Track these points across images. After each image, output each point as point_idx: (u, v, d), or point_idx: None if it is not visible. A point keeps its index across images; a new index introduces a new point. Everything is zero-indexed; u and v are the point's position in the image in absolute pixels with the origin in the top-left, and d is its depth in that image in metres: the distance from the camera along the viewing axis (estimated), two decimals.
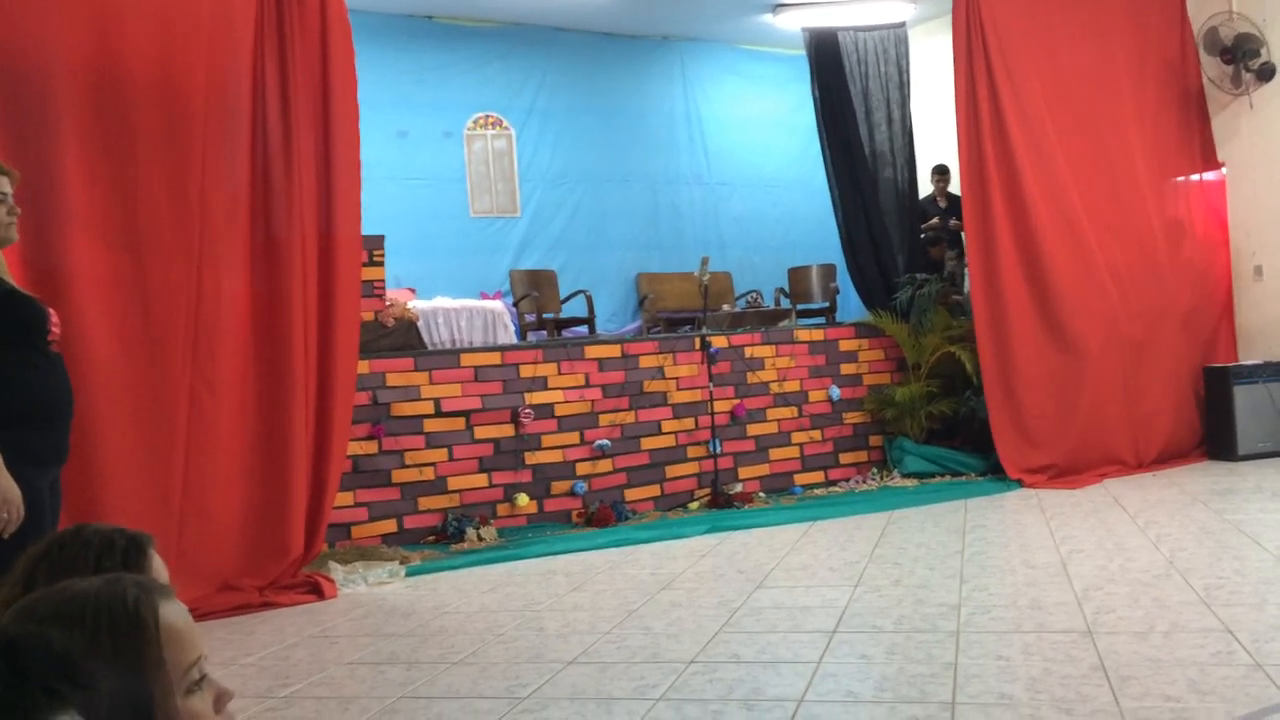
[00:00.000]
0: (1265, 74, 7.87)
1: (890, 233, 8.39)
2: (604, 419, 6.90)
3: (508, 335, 8.08)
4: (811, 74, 8.45)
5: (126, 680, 1.14)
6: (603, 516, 6.56)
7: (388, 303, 6.75)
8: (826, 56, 8.40)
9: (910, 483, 7.47)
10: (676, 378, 7.20)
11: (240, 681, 3.79)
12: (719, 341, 7.39)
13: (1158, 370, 7.65)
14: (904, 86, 8.41)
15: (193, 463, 4.92)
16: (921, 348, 7.90)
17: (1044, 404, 7.27)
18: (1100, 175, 7.60)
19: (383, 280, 6.75)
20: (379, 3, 8.49)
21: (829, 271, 9.25)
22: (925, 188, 8.64)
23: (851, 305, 9.11)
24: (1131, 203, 7.73)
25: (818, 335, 7.91)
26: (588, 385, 6.88)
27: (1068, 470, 7.19)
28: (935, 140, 8.57)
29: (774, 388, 7.58)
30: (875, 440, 7.96)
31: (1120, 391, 7.48)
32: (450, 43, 9.33)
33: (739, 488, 7.25)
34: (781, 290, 9.97)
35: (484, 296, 8.74)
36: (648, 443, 7.06)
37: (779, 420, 7.59)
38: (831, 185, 8.42)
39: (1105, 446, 7.37)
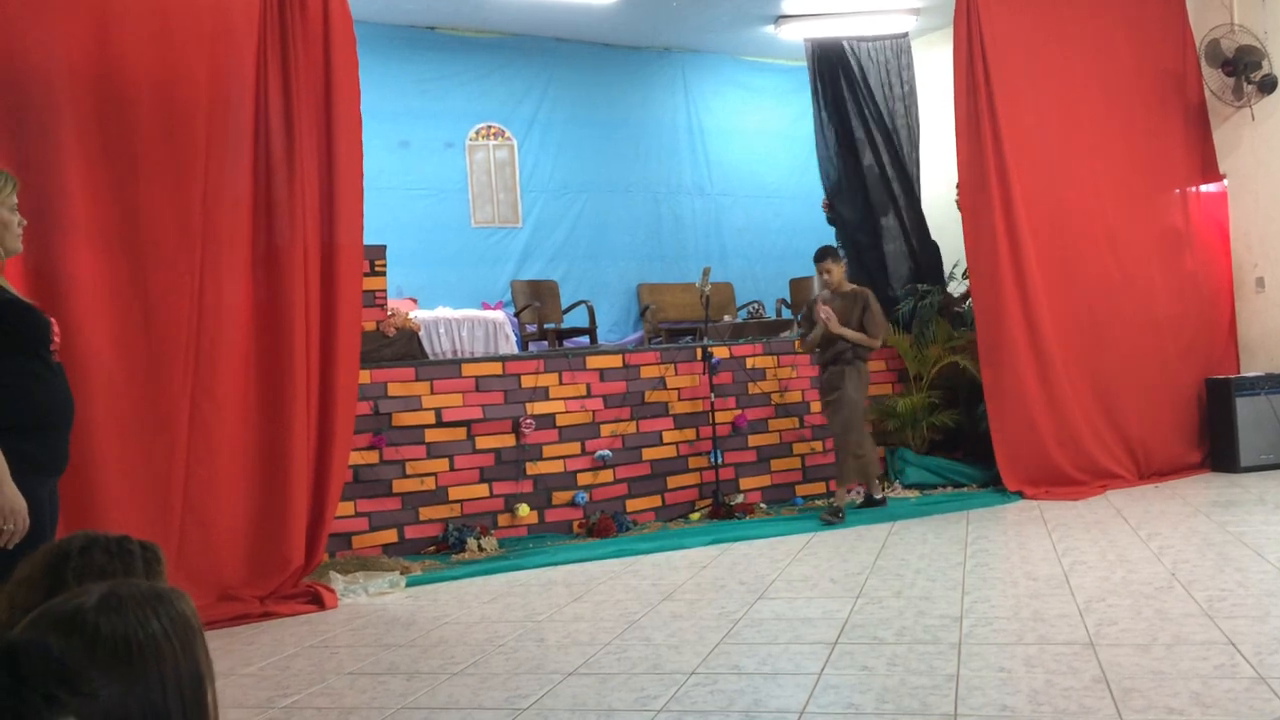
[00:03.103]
0: (1267, 86, 7.87)
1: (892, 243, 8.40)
2: (605, 429, 6.89)
3: (509, 345, 8.09)
4: (813, 85, 8.47)
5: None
6: (604, 527, 6.55)
7: (389, 312, 6.75)
8: (829, 68, 8.42)
9: (912, 494, 7.45)
10: (678, 388, 7.20)
11: (240, 691, 3.78)
12: (720, 352, 7.39)
13: (1160, 382, 7.64)
14: (906, 98, 8.43)
15: (193, 472, 4.92)
16: (923, 359, 7.89)
17: (1045, 416, 7.25)
18: (1101, 187, 7.59)
19: (384, 290, 6.75)
20: (381, 14, 8.51)
21: None
22: (927, 196, 8.64)
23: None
24: (1133, 215, 7.72)
25: None
26: (589, 395, 6.88)
27: (1070, 482, 7.16)
28: (936, 150, 8.58)
29: (775, 398, 7.57)
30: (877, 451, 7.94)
31: (1122, 403, 7.47)
32: (452, 53, 9.35)
33: (740, 498, 7.24)
34: (783, 301, 9.97)
35: (485, 307, 8.74)
36: (649, 453, 7.05)
37: (780, 431, 7.58)
38: (832, 194, 8.43)
39: (1107, 458, 7.35)
